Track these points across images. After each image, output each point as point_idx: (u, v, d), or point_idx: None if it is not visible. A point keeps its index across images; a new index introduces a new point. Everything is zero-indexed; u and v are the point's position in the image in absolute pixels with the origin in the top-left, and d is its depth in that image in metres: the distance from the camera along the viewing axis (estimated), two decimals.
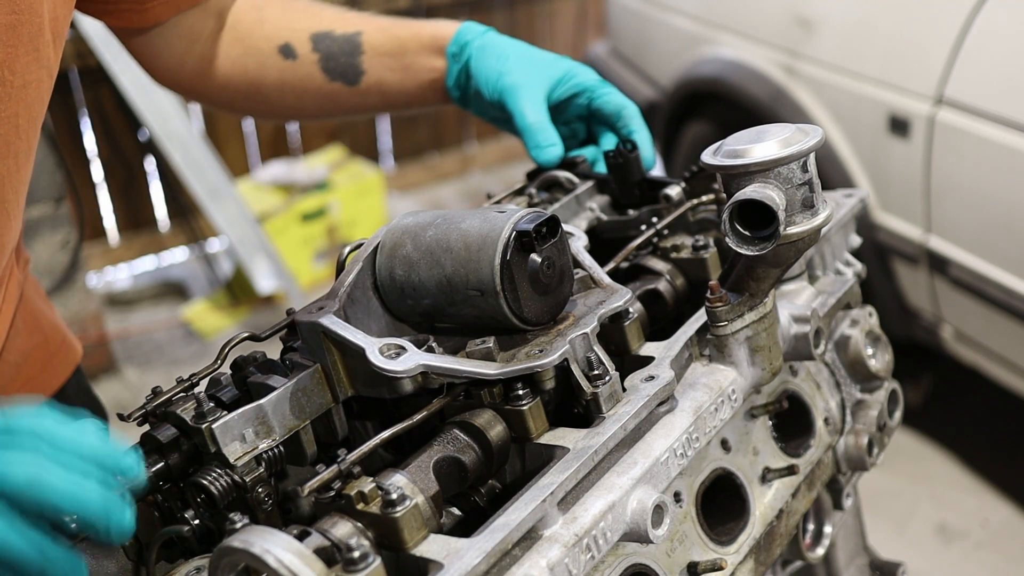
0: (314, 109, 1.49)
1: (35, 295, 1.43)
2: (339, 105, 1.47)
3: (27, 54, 1.10)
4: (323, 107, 1.48)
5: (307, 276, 4.98)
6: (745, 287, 1.02)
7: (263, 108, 1.51)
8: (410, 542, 0.81)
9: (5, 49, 1.07)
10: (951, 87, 2.76)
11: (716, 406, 1.03)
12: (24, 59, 1.10)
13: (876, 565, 1.43)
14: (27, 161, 1.18)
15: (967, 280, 2.81)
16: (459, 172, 6.26)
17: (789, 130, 0.95)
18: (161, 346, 4.69)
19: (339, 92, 1.44)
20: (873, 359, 1.28)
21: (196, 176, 4.53)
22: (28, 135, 1.16)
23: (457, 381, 0.95)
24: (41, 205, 3.87)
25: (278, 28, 1.44)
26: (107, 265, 5.20)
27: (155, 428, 0.96)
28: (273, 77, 1.44)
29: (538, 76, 1.35)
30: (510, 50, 1.38)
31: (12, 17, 1.06)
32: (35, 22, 1.10)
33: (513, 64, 1.36)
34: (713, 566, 1.00)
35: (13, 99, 1.10)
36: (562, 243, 1.00)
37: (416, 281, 1.00)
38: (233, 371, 1.03)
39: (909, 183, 2.93)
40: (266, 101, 1.48)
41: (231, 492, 0.92)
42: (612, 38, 4.70)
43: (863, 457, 1.24)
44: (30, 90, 1.13)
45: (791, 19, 3.33)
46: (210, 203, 4.55)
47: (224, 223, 4.56)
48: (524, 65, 1.36)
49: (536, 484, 0.86)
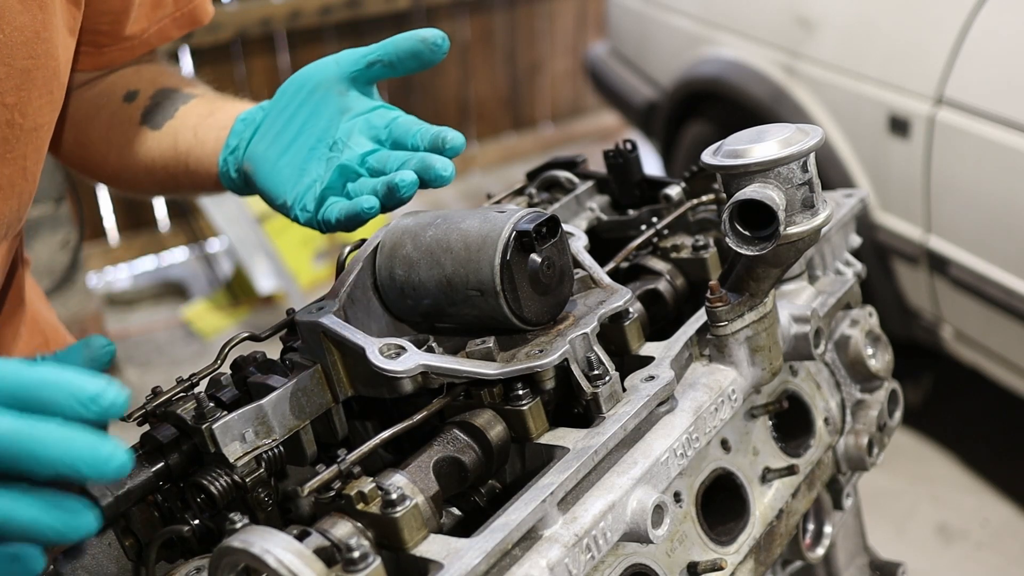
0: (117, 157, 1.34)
1: (35, 297, 1.42)
2: (137, 152, 1.32)
3: (40, 98, 1.09)
4: (126, 153, 1.33)
5: (307, 276, 4.98)
6: (745, 287, 1.02)
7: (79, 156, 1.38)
8: (410, 542, 0.81)
9: (18, 93, 1.06)
10: (951, 87, 2.76)
11: (716, 406, 1.03)
12: (37, 103, 1.09)
13: (876, 565, 1.43)
14: (29, 200, 1.17)
15: (967, 280, 2.81)
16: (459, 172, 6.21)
17: (789, 130, 0.95)
18: (161, 346, 4.69)
19: (142, 136, 1.31)
20: (873, 359, 1.28)
21: None
22: (35, 175, 1.15)
23: (457, 381, 0.95)
24: (41, 205, 3.87)
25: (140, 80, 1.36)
26: (107, 265, 5.21)
27: (155, 428, 0.96)
28: (103, 119, 1.34)
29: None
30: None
31: (29, 62, 1.06)
32: (51, 66, 1.09)
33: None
34: (713, 566, 1.00)
35: (22, 141, 1.10)
36: (562, 243, 1.00)
37: (416, 281, 1.00)
38: (233, 371, 1.03)
39: (909, 183, 2.93)
40: (85, 147, 1.36)
41: (231, 492, 0.92)
42: (612, 38, 4.70)
43: (863, 457, 1.24)
44: (41, 132, 1.12)
45: (791, 19, 3.33)
46: (210, 203, 4.55)
47: (224, 223, 4.56)
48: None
49: (536, 484, 0.86)
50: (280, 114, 1.17)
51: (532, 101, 6.49)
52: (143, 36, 1.30)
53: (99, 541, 0.93)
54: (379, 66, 1.15)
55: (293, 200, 1.15)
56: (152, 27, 1.31)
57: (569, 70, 6.49)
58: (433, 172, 1.07)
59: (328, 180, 1.13)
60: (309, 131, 1.15)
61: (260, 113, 1.22)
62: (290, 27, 5.32)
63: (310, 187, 1.14)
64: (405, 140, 1.13)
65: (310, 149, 1.15)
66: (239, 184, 1.24)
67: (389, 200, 1.08)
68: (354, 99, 1.16)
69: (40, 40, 1.06)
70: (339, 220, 1.11)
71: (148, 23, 1.30)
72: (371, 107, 1.17)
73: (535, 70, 6.40)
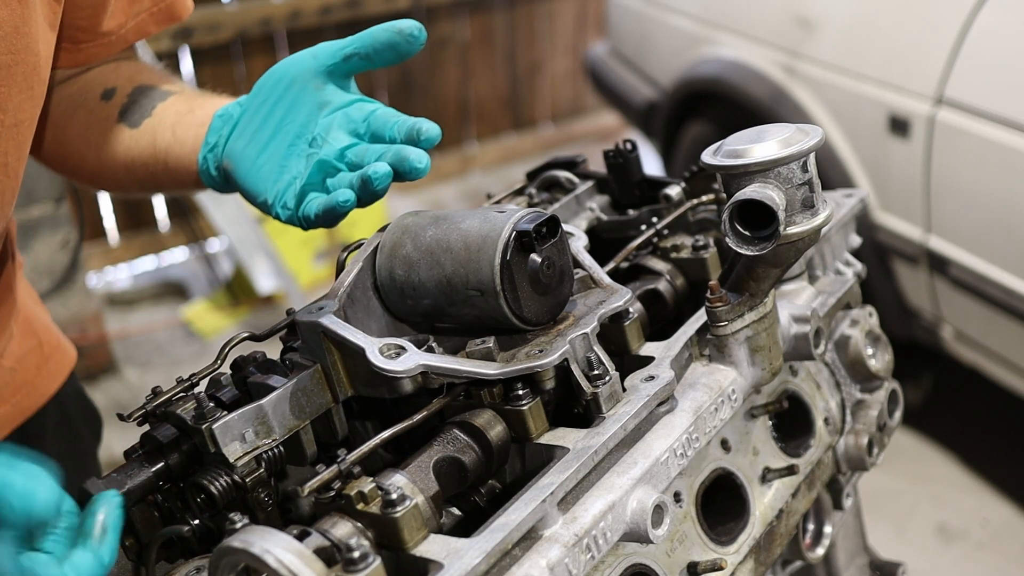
0: (95, 156, 1.33)
1: (28, 299, 1.42)
2: (115, 150, 1.31)
3: (20, 93, 1.09)
4: (104, 152, 1.32)
5: (307, 276, 4.98)
6: (745, 287, 1.02)
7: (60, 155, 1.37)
8: (410, 542, 0.81)
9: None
10: (951, 87, 2.76)
11: (716, 406, 1.03)
12: (17, 98, 1.09)
13: (876, 565, 1.43)
14: (12, 198, 1.16)
15: (967, 280, 2.81)
16: (459, 172, 6.26)
17: (789, 130, 0.95)
18: (161, 346, 4.68)
19: (120, 134, 1.30)
20: (873, 359, 1.28)
21: None
22: (17, 172, 1.14)
23: (457, 381, 0.95)
24: (41, 205, 3.87)
25: (117, 77, 1.34)
26: (107, 265, 5.20)
27: (155, 428, 0.96)
28: (80, 117, 1.33)
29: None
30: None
31: (8, 57, 1.05)
32: (30, 61, 1.09)
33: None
34: (713, 566, 1.00)
35: (3, 138, 1.09)
36: (562, 243, 1.00)
37: (416, 281, 1.00)
38: (233, 371, 1.03)
39: (909, 183, 2.93)
40: (64, 145, 1.35)
41: (231, 492, 0.92)
42: (612, 38, 4.70)
43: (863, 457, 1.24)
44: (23, 128, 1.12)
45: (791, 19, 3.33)
46: (210, 203, 4.55)
47: (224, 223, 4.56)
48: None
49: (536, 484, 0.86)
50: (258, 110, 1.17)
51: (532, 101, 6.49)
52: (120, 32, 1.29)
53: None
54: (356, 59, 1.14)
55: (274, 198, 1.15)
56: (129, 22, 1.30)
57: (569, 70, 6.49)
58: (408, 164, 1.07)
59: (307, 176, 1.13)
60: (288, 127, 1.15)
61: (238, 109, 1.21)
62: (290, 27, 5.32)
63: (290, 184, 1.14)
64: (383, 133, 1.13)
65: (289, 145, 1.15)
66: (219, 182, 1.23)
67: (364, 193, 1.08)
68: (332, 93, 1.15)
69: (19, 35, 1.06)
70: (318, 215, 1.11)
71: (125, 18, 1.29)
72: (349, 101, 1.16)
73: (535, 70, 6.40)
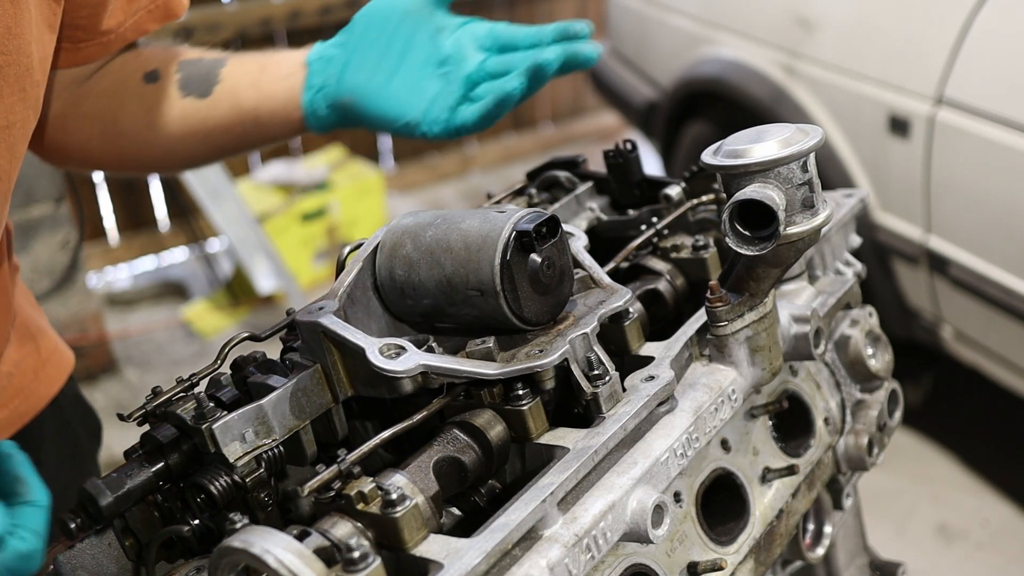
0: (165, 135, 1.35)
1: (25, 302, 1.41)
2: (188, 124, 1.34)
3: (12, 95, 1.08)
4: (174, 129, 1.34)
5: (307, 276, 4.98)
6: (745, 287, 1.02)
7: (117, 146, 1.38)
8: (410, 542, 0.81)
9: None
10: (951, 87, 2.76)
11: (716, 406, 1.03)
12: (9, 100, 1.08)
13: (876, 565, 1.43)
14: (5, 202, 1.16)
15: (967, 280, 2.81)
16: (459, 172, 6.26)
17: (789, 130, 0.95)
18: (161, 346, 4.68)
19: (189, 108, 1.33)
20: (873, 359, 1.28)
21: (196, 176, 4.53)
22: (10, 175, 1.14)
23: (457, 381, 0.95)
24: (41, 205, 3.87)
25: (150, 60, 1.36)
26: (107, 265, 5.20)
27: (155, 428, 0.96)
28: (132, 105, 1.34)
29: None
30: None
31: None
32: (23, 63, 1.08)
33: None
34: (713, 566, 1.00)
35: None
36: (562, 243, 1.00)
37: (416, 281, 1.00)
38: (233, 371, 1.03)
39: (909, 183, 2.93)
40: (123, 136, 1.36)
41: (231, 492, 0.92)
42: (612, 38, 4.69)
43: (863, 457, 1.24)
44: (15, 131, 1.11)
45: (791, 19, 3.33)
46: (210, 203, 4.55)
47: (224, 223, 4.56)
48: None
49: (536, 484, 0.86)
50: (373, 44, 1.23)
51: (532, 101, 6.49)
52: (119, 30, 1.30)
53: (99, 541, 0.93)
54: None
55: (421, 116, 1.21)
56: (128, 20, 1.30)
57: None
58: (582, 56, 1.17)
59: (455, 92, 1.20)
60: (413, 54, 1.22)
61: (336, 50, 1.28)
62: (290, 27, 5.32)
63: (434, 101, 1.21)
64: (514, 43, 1.21)
65: (419, 69, 1.21)
66: (330, 120, 1.30)
67: (536, 78, 1.16)
68: (443, 18, 1.24)
69: (11, 36, 1.05)
70: (482, 116, 1.19)
71: (124, 16, 1.29)
72: (464, 21, 1.24)
73: None
